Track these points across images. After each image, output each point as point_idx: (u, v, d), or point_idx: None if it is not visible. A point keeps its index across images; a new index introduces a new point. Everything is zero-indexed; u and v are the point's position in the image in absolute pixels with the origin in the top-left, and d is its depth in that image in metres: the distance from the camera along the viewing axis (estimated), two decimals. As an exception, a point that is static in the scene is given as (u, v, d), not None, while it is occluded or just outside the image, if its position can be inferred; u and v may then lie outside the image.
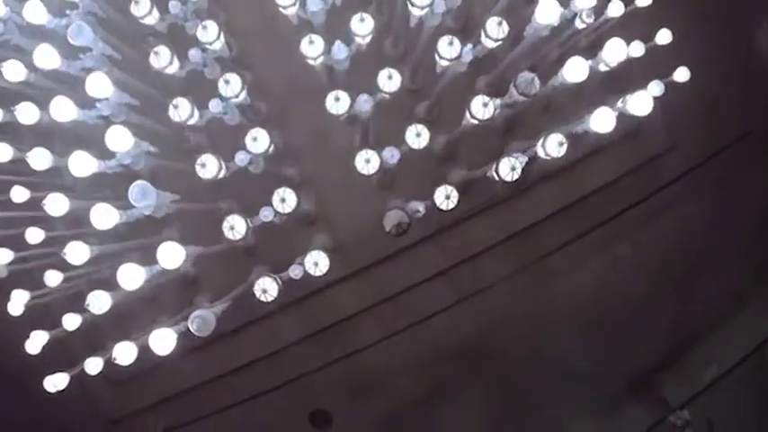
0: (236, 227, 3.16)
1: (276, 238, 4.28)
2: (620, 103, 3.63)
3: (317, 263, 3.23)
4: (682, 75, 4.02)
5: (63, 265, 3.90)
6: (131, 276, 3.29)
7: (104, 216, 3.34)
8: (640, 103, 3.55)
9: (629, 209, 4.70)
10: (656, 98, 3.70)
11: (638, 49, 3.91)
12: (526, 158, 3.34)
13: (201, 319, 3.13)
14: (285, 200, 3.16)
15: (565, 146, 3.30)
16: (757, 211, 5.01)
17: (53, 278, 3.97)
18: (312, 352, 4.75)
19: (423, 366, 4.78)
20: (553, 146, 3.27)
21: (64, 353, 4.20)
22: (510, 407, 4.83)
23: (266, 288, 3.21)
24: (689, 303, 4.97)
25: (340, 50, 3.45)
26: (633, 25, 4.01)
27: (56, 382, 3.81)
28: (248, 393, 4.83)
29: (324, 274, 3.30)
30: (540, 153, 3.36)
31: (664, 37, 3.99)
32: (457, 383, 4.81)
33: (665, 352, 4.98)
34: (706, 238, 4.89)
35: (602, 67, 3.86)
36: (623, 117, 3.61)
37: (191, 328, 3.20)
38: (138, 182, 3.24)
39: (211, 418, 4.86)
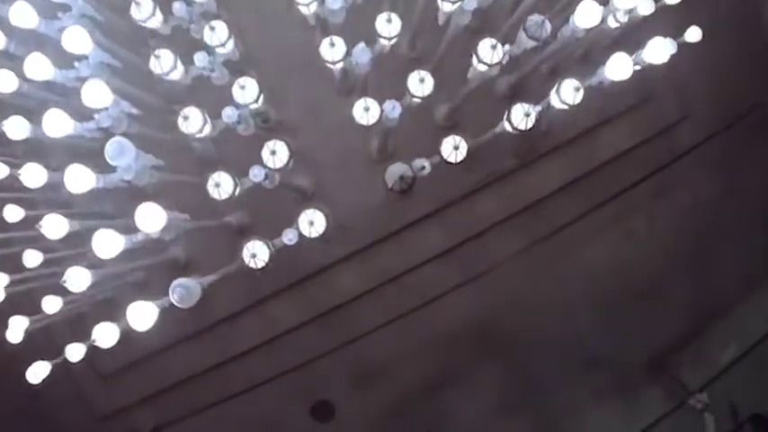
0: (222, 184, 2.69)
1: (270, 218, 3.82)
2: (634, 56, 3.21)
3: (312, 221, 2.76)
4: (694, 35, 3.58)
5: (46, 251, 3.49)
6: (108, 244, 2.82)
7: (79, 179, 2.88)
8: (657, 49, 3.10)
9: (643, 181, 4.24)
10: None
11: (647, 6, 3.50)
12: (539, 108, 2.89)
13: (184, 288, 2.65)
14: (276, 152, 2.70)
15: (581, 92, 2.86)
16: (772, 184, 4.56)
17: (33, 259, 3.50)
18: (311, 339, 4.25)
19: (429, 351, 4.29)
20: (569, 91, 2.83)
21: (51, 348, 3.72)
22: (523, 391, 4.31)
23: (256, 252, 2.72)
24: (705, 281, 4.49)
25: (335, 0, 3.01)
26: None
27: (37, 372, 3.34)
28: (245, 385, 4.32)
29: (320, 235, 2.81)
30: (555, 102, 2.91)
31: (673, -5, 3.59)
32: (466, 368, 4.31)
33: (682, 332, 4.49)
34: (722, 211, 4.44)
35: (612, 22, 3.45)
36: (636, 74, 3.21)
37: (172, 299, 2.71)
38: (116, 137, 2.78)
39: (207, 411, 4.34)
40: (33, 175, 3.22)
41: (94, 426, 4.40)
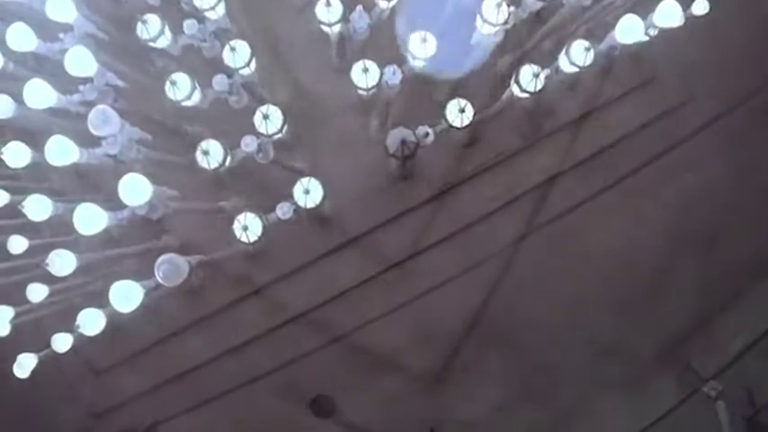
0: (210, 152, 2.40)
1: (267, 204, 3.54)
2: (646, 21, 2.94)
3: (308, 190, 2.45)
4: (700, 7, 3.33)
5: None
6: (91, 219, 2.52)
7: (62, 151, 2.60)
8: (668, 12, 2.82)
9: (649, 163, 3.96)
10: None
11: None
12: (548, 71, 2.61)
13: (170, 264, 2.34)
14: (269, 116, 2.41)
15: (591, 52, 2.58)
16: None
17: (18, 244, 3.21)
18: (311, 329, 3.94)
19: (433, 341, 3.96)
20: (579, 52, 2.56)
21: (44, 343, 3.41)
22: (530, 382, 3.97)
23: (248, 225, 2.41)
24: (714, 267, 4.16)
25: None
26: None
27: (23, 364, 3.07)
28: (242, 379, 3.99)
29: (317, 206, 2.51)
30: (564, 65, 2.63)
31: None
32: (471, 358, 3.97)
33: (693, 320, 4.15)
34: (729, 194, 4.13)
35: (619, -8, 3.20)
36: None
37: (158, 276, 2.40)
38: (100, 106, 2.50)
39: (204, 407, 4.00)
40: (17, 155, 2.94)
41: (90, 422, 4.07)
